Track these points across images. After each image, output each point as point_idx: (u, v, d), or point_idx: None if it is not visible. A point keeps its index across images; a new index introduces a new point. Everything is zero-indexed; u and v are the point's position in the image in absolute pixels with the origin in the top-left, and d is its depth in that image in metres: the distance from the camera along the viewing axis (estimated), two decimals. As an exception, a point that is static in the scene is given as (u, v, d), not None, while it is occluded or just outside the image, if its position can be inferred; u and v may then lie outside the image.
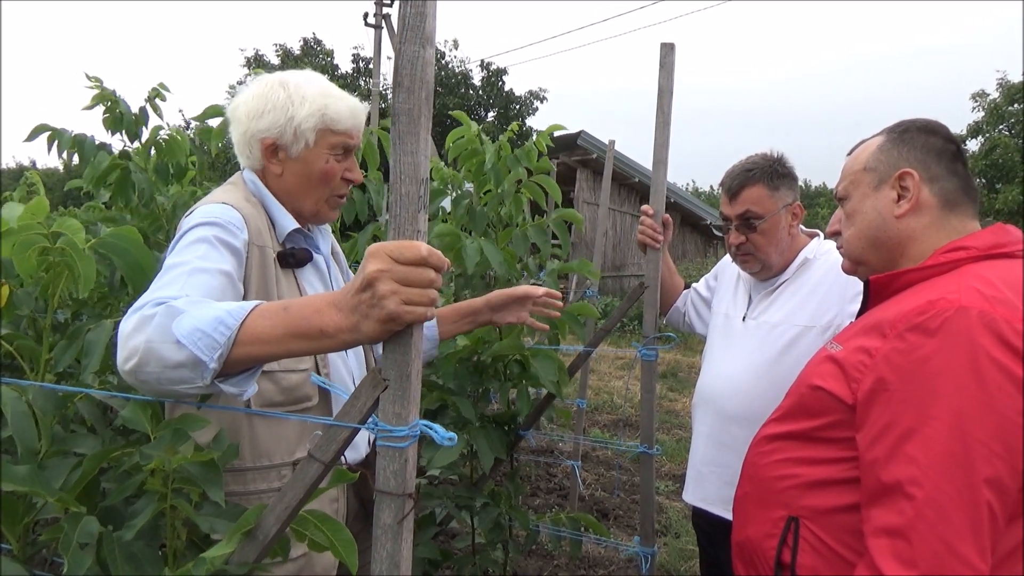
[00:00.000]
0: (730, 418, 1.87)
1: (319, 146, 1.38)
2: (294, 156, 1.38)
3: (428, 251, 0.84)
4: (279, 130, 1.36)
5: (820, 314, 1.79)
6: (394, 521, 0.86)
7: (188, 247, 1.18)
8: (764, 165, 1.86)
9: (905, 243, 1.22)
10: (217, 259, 1.18)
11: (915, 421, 0.99)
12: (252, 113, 1.37)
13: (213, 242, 1.20)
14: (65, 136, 2.07)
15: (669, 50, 2.00)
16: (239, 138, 1.41)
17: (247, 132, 1.38)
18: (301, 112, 1.35)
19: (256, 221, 1.32)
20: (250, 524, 0.92)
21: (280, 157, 1.39)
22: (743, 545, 1.26)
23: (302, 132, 1.36)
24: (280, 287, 1.34)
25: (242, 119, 1.39)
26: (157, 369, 0.94)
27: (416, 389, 0.87)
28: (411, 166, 0.82)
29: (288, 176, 1.40)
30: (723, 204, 1.93)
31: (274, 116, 1.35)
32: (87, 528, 0.96)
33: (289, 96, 1.36)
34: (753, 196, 1.84)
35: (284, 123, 1.35)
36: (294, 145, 1.37)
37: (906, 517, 0.96)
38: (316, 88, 1.38)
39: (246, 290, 1.27)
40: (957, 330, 0.99)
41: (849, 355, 1.12)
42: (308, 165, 1.38)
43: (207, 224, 1.22)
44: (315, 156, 1.38)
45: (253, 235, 1.29)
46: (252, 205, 1.35)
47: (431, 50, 0.80)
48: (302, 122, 1.35)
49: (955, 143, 1.23)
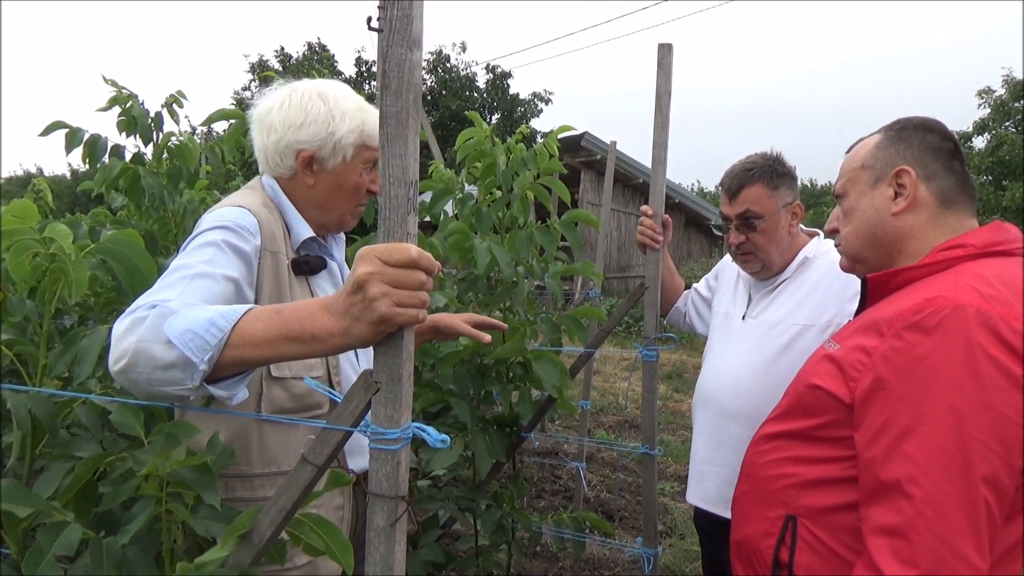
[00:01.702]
0: (729, 417, 1.86)
1: (355, 161, 1.39)
2: (329, 169, 1.39)
3: (418, 253, 0.84)
4: (319, 143, 1.36)
5: (819, 313, 1.78)
6: (387, 524, 0.86)
7: (196, 250, 1.17)
8: (763, 164, 1.85)
9: (902, 241, 1.21)
10: (224, 264, 1.17)
11: (913, 419, 0.98)
12: (290, 123, 1.36)
13: (222, 246, 1.19)
14: (80, 135, 2.08)
15: (667, 51, 2.00)
16: (272, 145, 1.39)
17: (282, 140, 1.37)
18: (342, 128, 1.36)
19: (271, 227, 1.32)
20: (244, 527, 0.92)
21: (315, 169, 1.39)
22: (741, 544, 1.26)
23: (342, 147, 1.37)
24: (294, 293, 1.34)
25: (277, 127, 1.37)
26: (147, 370, 0.94)
27: (408, 391, 0.87)
28: (399, 169, 0.82)
29: (320, 187, 1.40)
30: (723, 204, 1.93)
31: (315, 129, 1.35)
32: (68, 539, 0.96)
33: (330, 111, 1.36)
34: (753, 195, 1.84)
35: (325, 137, 1.35)
36: (331, 159, 1.38)
37: (905, 516, 0.96)
38: (354, 103, 1.39)
39: (258, 296, 1.26)
40: (954, 328, 0.99)
41: (847, 354, 1.12)
42: (342, 178, 1.40)
43: (219, 228, 1.22)
44: (350, 170, 1.39)
45: (267, 240, 1.29)
46: (269, 211, 1.35)
47: (418, 53, 0.80)
48: (343, 137, 1.36)
49: (952, 141, 1.23)
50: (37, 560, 0.93)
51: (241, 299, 1.19)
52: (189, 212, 2.25)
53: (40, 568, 0.92)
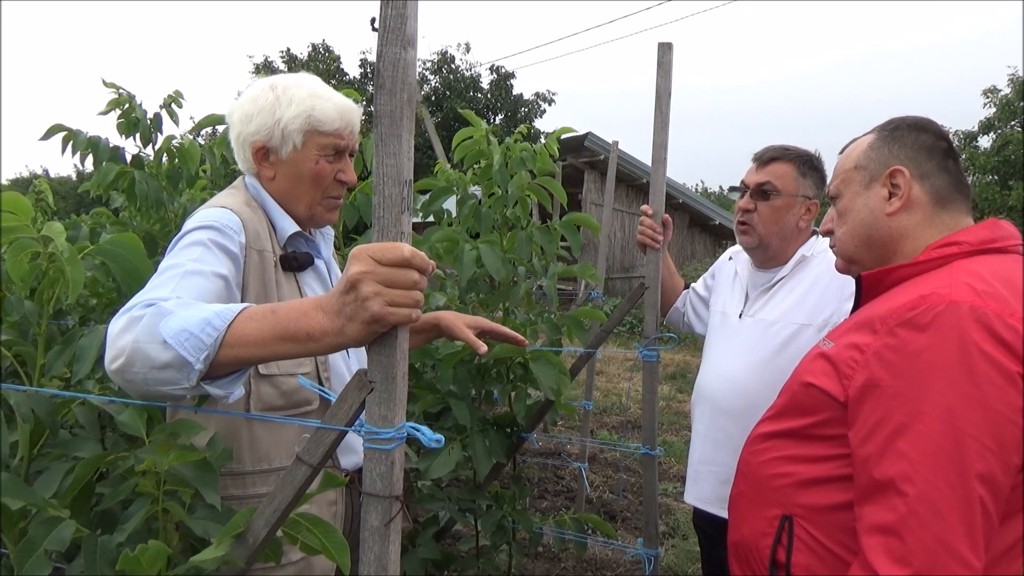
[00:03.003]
0: (726, 416, 1.86)
1: (308, 147, 1.38)
2: (284, 158, 1.39)
3: (411, 252, 0.84)
4: (267, 132, 1.37)
5: (817, 312, 1.78)
6: (381, 524, 0.86)
7: (183, 250, 1.19)
8: (801, 152, 1.90)
9: (897, 241, 1.21)
10: (212, 262, 1.19)
11: (906, 417, 0.98)
12: (243, 118, 1.39)
13: (208, 245, 1.21)
14: (80, 137, 2.09)
15: (666, 50, 2.00)
16: (233, 142, 1.42)
17: (239, 136, 1.40)
18: (288, 114, 1.35)
19: (255, 225, 1.33)
20: (240, 527, 0.92)
21: (271, 160, 1.40)
22: (738, 545, 1.26)
23: (289, 134, 1.36)
24: (281, 290, 1.35)
25: (235, 123, 1.40)
26: (143, 369, 0.94)
27: (402, 391, 0.88)
28: (394, 168, 0.82)
29: (280, 179, 1.41)
30: (749, 172, 1.95)
31: (262, 119, 1.36)
32: (61, 534, 0.96)
33: (277, 98, 1.37)
34: (780, 171, 1.87)
35: (272, 125, 1.36)
36: (283, 147, 1.38)
37: (898, 514, 0.96)
38: (305, 90, 1.39)
39: (244, 294, 1.27)
40: (948, 325, 0.99)
41: (841, 352, 1.12)
42: (298, 167, 1.39)
43: (203, 228, 1.24)
44: (304, 158, 1.39)
45: (251, 239, 1.30)
46: (252, 209, 1.36)
47: (412, 52, 0.81)
48: (288, 123, 1.36)
49: (946, 140, 1.23)
50: (27, 553, 0.93)
51: (231, 297, 1.20)
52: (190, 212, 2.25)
53: (30, 562, 0.92)
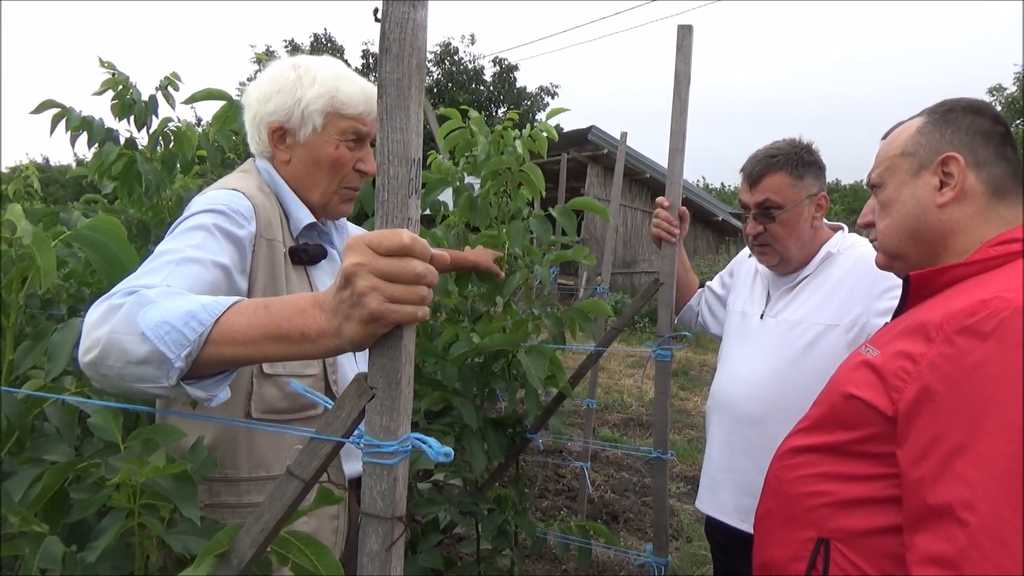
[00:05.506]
0: (746, 422, 1.76)
1: (328, 131, 1.30)
2: (302, 141, 1.30)
3: (411, 239, 0.72)
4: (287, 112, 1.29)
5: (844, 311, 1.67)
6: (381, 548, 0.76)
7: (185, 233, 1.09)
8: (789, 151, 1.73)
9: (948, 235, 1.10)
10: (214, 250, 1.09)
11: (966, 435, 0.88)
12: (262, 96, 1.31)
13: (213, 231, 1.11)
14: (73, 115, 2.02)
15: (687, 32, 1.89)
16: (248, 122, 1.34)
17: (256, 116, 1.32)
18: (310, 93, 1.28)
19: (267, 212, 1.24)
20: (223, 546, 0.83)
21: (288, 143, 1.32)
22: (766, 567, 1.16)
23: (309, 114, 1.28)
24: (291, 284, 1.26)
25: (252, 103, 1.33)
26: (118, 364, 0.84)
27: (408, 399, 0.77)
28: (400, 144, 0.71)
29: (296, 163, 1.32)
30: (743, 191, 1.81)
31: (282, 98, 1.29)
32: (49, 551, 0.88)
33: (299, 77, 1.29)
34: (774, 184, 1.72)
35: (292, 105, 1.28)
36: (302, 129, 1.30)
37: (958, 545, 0.85)
38: (329, 71, 1.31)
39: (252, 285, 1.18)
40: (1013, 333, 0.88)
41: (888, 361, 1.01)
42: (316, 151, 1.31)
43: (209, 211, 1.14)
44: (323, 141, 1.30)
45: (262, 227, 1.21)
46: (265, 195, 1.27)
47: (423, 12, 0.70)
48: (310, 103, 1.28)
49: (1003, 125, 1.12)
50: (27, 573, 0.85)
51: (231, 288, 1.10)
52: (184, 199, 2.17)
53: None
